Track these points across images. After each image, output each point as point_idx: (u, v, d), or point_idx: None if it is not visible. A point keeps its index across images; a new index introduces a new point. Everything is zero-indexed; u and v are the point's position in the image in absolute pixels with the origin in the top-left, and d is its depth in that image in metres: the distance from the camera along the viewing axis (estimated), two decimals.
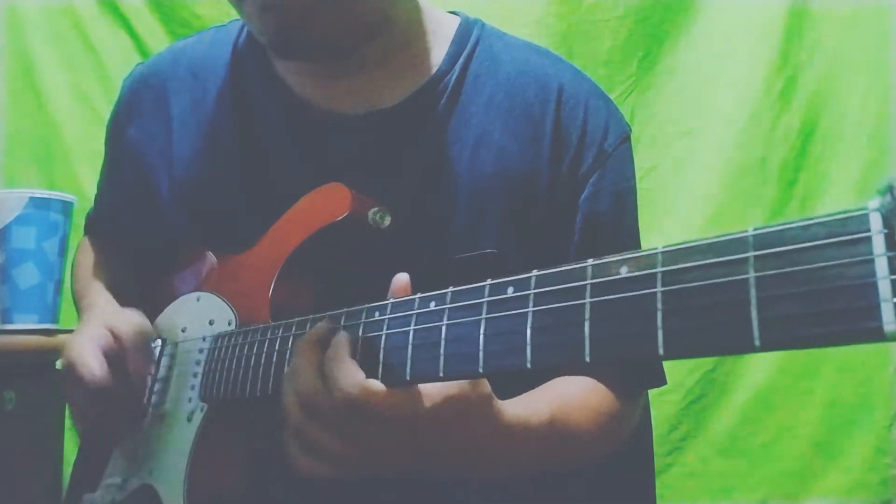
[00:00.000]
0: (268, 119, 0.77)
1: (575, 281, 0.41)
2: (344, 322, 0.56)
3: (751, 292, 0.33)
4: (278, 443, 0.58)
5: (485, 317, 0.45)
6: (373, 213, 0.65)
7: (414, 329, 0.50)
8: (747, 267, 0.34)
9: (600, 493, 0.78)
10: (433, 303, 0.49)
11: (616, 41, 1.52)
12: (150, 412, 0.77)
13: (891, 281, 0.29)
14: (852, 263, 0.30)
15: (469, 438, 0.55)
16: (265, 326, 0.65)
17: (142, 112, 0.84)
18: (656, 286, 0.37)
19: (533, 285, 0.43)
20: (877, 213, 0.30)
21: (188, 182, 0.80)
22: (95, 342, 0.72)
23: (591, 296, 0.40)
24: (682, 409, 1.48)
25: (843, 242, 0.31)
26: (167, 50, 0.87)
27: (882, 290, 0.29)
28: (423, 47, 0.76)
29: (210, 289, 0.78)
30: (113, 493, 0.78)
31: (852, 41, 1.45)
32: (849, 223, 0.31)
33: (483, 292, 0.46)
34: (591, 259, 0.41)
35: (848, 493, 1.44)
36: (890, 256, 0.29)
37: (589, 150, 0.75)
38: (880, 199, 0.30)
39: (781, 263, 0.33)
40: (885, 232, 0.30)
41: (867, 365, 1.45)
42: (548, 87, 0.76)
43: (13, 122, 1.62)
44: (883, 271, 0.29)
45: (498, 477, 0.65)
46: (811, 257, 0.32)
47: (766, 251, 0.33)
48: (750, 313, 0.33)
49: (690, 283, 0.35)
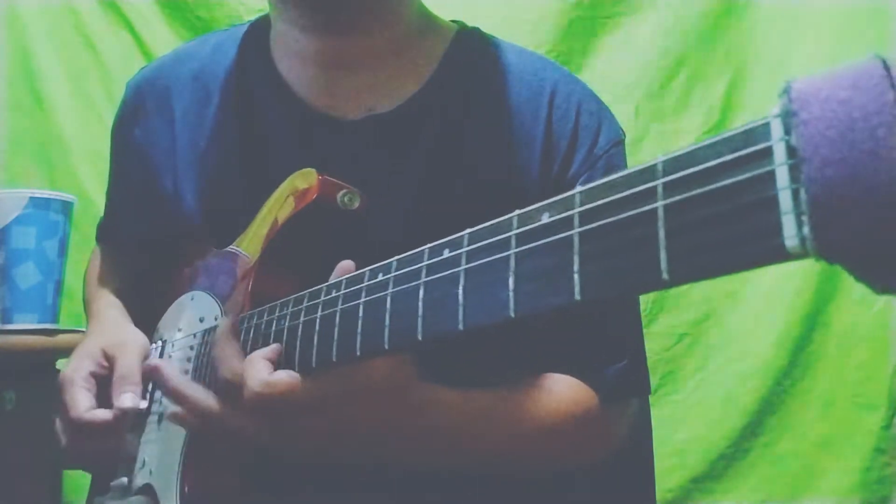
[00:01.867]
0: (269, 121, 0.78)
1: (502, 233, 0.39)
2: (306, 302, 0.55)
3: (658, 224, 0.30)
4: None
5: (423, 280, 0.43)
6: (341, 195, 0.64)
7: (364, 302, 0.48)
8: (656, 197, 0.31)
9: (600, 495, 0.76)
10: (380, 274, 0.48)
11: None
12: (152, 412, 0.77)
13: (791, 192, 0.26)
14: (755, 178, 0.28)
15: (379, 415, 0.57)
16: (242, 316, 0.65)
17: (146, 114, 0.85)
18: (573, 228, 0.34)
19: (466, 243, 0.41)
20: (777, 120, 0.27)
21: (192, 183, 0.81)
22: (87, 366, 0.75)
23: (516, 246, 0.37)
24: (682, 410, 1.47)
25: (746, 157, 0.28)
26: (171, 53, 0.88)
27: (783, 202, 0.26)
28: (421, 52, 0.78)
29: (203, 287, 0.78)
30: (120, 494, 0.78)
31: (852, 41, 1.42)
32: (752, 134, 0.28)
33: (423, 256, 0.44)
34: (517, 210, 0.39)
35: (847, 493, 1.43)
36: (790, 164, 0.26)
37: (578, 154, 0.74)
38: (780, 103, 0.27)
39: (690, 187, 0.30)
40: (786, 139, 0.27)
41: (866, 364, 1.44)
42: (540, 90, 0.76)
43: (13, 122, 1.65)
44: (783, 181, 0.26)
45: (424, 458, 0.65)
46: (717, 177, 0.29)
47: (673, 176, 0.30)
48: (657, 247, 0.30)
49: (603, 220, 0.33)
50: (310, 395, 0.53)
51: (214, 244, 0.81)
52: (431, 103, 0.75)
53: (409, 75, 0.76)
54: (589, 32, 1.56)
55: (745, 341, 1.50)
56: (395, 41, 0.76)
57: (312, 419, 0.55)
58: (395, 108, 0.75)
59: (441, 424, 0.62)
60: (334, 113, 0.76)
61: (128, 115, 0.87)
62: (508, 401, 0.67)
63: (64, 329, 1.30)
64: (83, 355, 0.77)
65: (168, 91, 0.84)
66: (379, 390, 0.55)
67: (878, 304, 1.46)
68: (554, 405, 0.68)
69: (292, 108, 0.77)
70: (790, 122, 0.26)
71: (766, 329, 1.49)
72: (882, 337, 1.45)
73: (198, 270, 0.82)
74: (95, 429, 0.73)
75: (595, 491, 0.75)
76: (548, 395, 0.69)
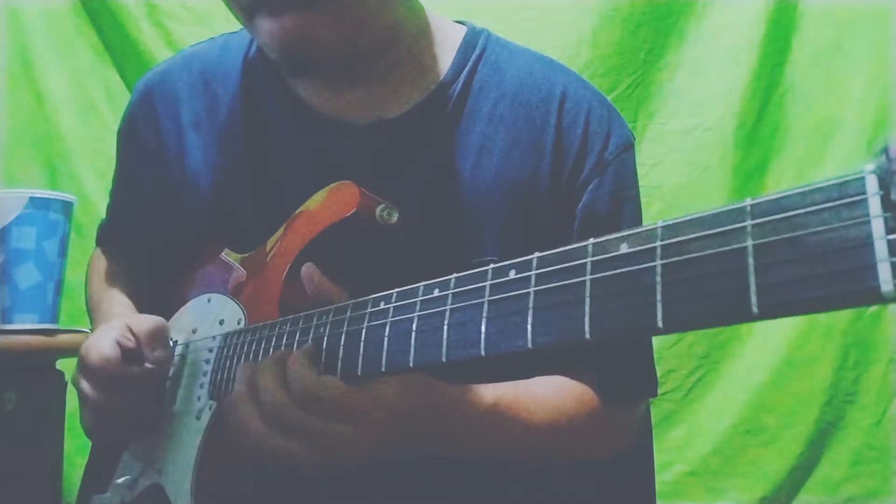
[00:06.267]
0: (277, 126, 0.79)
1: (576, 259, 0.41)
2: (350, 313, 0.57)
3: (748, 260, 0.33)
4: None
5: (487, 299, 0.45)
6: (380, 210, 0.65)
7: (419, 315, 0.50)
8: (745, 235, 0.33)
9: (600, 494, 0.77)
10: (437, 290, 0.49)
11: (624, 34, 1.53)
12: (162, 412, 0.77)
13: (887, 241, 0.29)
14: (849, 226, 0.30)
15: (427, 428, 0.59)
16: (272, 322, 0.66)
17: (155, 116, 0.84)
18: (655, 260, 0.37)
19: (535, 266, 0.43)
20: (873, 176, 0.30)
21: (200, 186, 0.81)
22: (111, 334, 0.72)
23: (592, 273, 0.40)
24: (681, 408, 1.50)
25: (839, 206, 0.31)
26: (179, 55, 0.88)
27: (878, 250, 0.29)
28: (429, 57, 0.77)
29: (221, 290, 0.79)
30: (123, 493, 0.78)
31: (852, 41, 1.46)
32: (846, 187, 0.31)
33: (486, 276, 0.46)
34: (591, 239, 0.41)
35: (840, 489, 1.46)
36: (886, 217, 0.29)
37: (588, 159, 0.75)
38: (876, 161, 0.30)
39: (779, 230, 0.32)
40: (880, 193, 0.30)
41: (860, 363, 1.48)
42: (550, 95, 0.76)
43: (14, 122, 1.63)
44: (879, 232, 0.29)
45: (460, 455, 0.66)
46: (809, 223, 0.32)
47: (763, 219, 0.33)
48: (747, 280, 0.33)
49: (689, 254, 0.35)
50: (368, 402, 0.55)
51: (228, 246, 0.82)
52: (440, 108, 0.75)
53: (418, 81, 0.76)
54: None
55: (743, 340, 1.53)
56: (400, 54, 0.75)
57: (363, 430, 0.55)
58: (404, 114, 0.75)
59: (473, 420, 0.64)
60: (343, 118, 0.76)
61: (136, 118, 0.87)
62: (514, 396, 0.68)
63: (64, 329, 1.29)
64: (106, 328, 0.74)
65: (176, 94, 0.84)
66: (410, 409, 0.57)
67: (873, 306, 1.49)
68: (558, 408, 0.70)
69: (300, 113, 0.77)
70: (889, 178, 0.29)
71: (763, 328, 1.51)
72: (875, 336, 1.49)
73: (212, 274, 0.83)
74: (126, 385, 0.71)
75: (596, 488, 0.77)
76: (546, 395, 0.70)
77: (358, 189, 0.66)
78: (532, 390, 0.70)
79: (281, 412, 0.55)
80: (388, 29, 0.72)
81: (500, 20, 1.42)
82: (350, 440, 0.55)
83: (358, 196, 0.65)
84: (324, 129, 0.76)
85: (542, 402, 0.69)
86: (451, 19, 0.83)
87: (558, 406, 0.70)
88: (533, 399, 0.69)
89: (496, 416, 0.65)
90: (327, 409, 0.54)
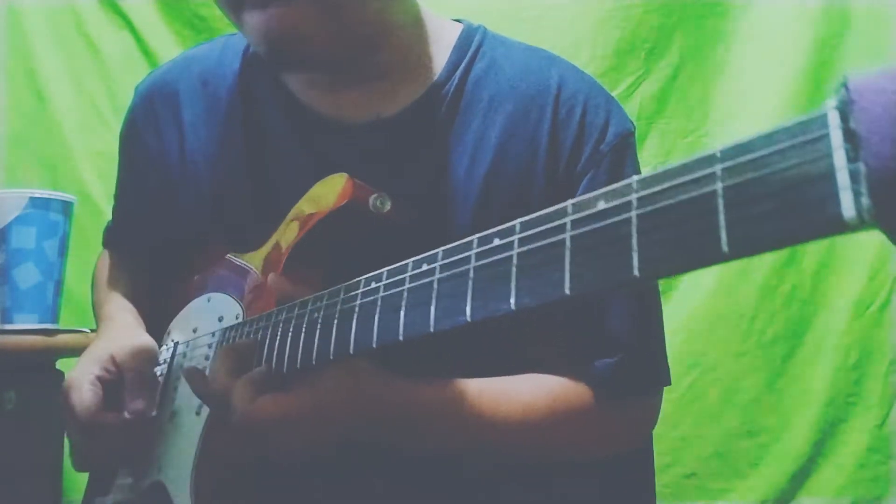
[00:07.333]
0: (275, 126, 0.79)
1: (556, 220, 0.42)
2: (343, 295, 0.57)
3: (718, 202, 0.34)
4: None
5: (473, 265, 0.46)
6: (373, 199, 0.66)
7: (408, 289, 0.51)
8: (715, 180, 0.34)
9: (600, 493, 0.77)
10: (425, 264, 0.50)
11: (625, 32, 1.55)
12: (161, 411, 0.78)
13: (848, 170, 0.30)
14: (812, 160, 0.31)
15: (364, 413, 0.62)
16: (268, 313, 0.66)
17: (156, 118, 0.86)
18: (631, 211, 0.37)
19: (518, 231, 0.44)
20: (835, 111, 0.31)
21: (200, 187, 0.82)
22: (93, 370, 0.76)
23: (571, 230, 0.40)
24: (681, 408, 1.49)
25: (804, 142, 0.32)
26: (180, 57, 0.90)
27: (840, 179, 0.30)
28: (424, 56, 0.78)
29: (220, 289, 0.80)
30: (124, 493, 0.78)
31: (852, 41, 1.47)
32: (809, 124, 0.32)
33: (472, 245, 0.47)
34: (570, 200, 0.42)
35: (842, 492, 1.45)
36: (847, 147, 0.30)
37: (584, 150, 0.74)
38: (837, 96, 0.31)
39: (746, 171, 0.33)
40: (842, 127, 0.30)
41: (861, 364, 1.47)
42: (546, 87, 0.76)
43: (14, 122, 1.65)
44: (840, 162, 0.30)
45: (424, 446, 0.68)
46: (775, 161, 0.32)
47: (732, 162, 0.34)
48: (717, 220, 0.33)
49: (662, 202, 0.36)
50: (296, 407, 0.60)
51: (228, 247, 0.83)
52: (436, 106, 0.76)
53: (415, 79, 0.77)
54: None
55: (742, 340, 1.53)
56: (394, 53, 0.76)
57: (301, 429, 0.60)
58: (401, 112, 0.76)
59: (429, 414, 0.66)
60: (340, 117, 0.77)
61: (137, 121, 0.88)
62: (492, 389, 0.70)
63: (64, 329, 1.30)
64: (91, 359, 0.77)
65: (177, 96, 0.85)
66: (344, 398, 0.61)
67: (874, 305, 1.50)
68: (520, 402, 0.70)
69: (298, 113, 0.78)
70: (848, 110, 0.30)
71: (762, 328, 1.52)
72: (876, 336, 1.48)
73: (212, 274, 0.84)
74: (105, 430, 0.74)
75: (596, 488, 0.76)
76: (516, 391, 0.71)
77: (350, 179, 0.67)
78: (503, 387, 0.70)
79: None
80: (377, 23, 0.72)
81: (500, 20, 1.43)
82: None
83: (351, 186, 0.66)
84: (322, 128, 0.77)
85: (511, 397, 0.70)
86: (448, 18, 0.83)
87: (529, 402, 0.70)
88: (503, 393, 0.69)
89: (459, 409, 0.67)
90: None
